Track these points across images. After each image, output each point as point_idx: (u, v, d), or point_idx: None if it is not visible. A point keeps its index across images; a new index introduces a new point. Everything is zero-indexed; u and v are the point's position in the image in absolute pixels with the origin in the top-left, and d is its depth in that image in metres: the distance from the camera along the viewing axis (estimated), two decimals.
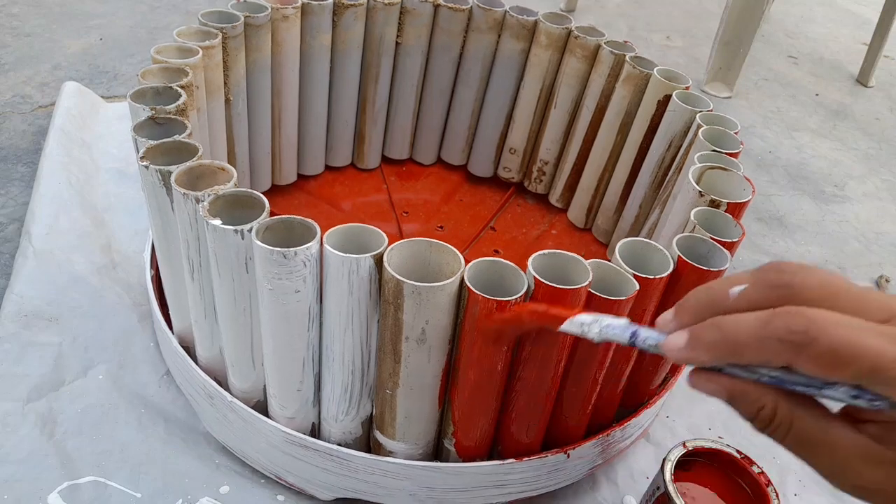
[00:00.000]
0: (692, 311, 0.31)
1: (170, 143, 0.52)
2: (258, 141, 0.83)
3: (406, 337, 0.45)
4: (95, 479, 0.57)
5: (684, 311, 0.32)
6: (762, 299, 0.29)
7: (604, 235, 0.91)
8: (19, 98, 1.06)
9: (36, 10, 1.32)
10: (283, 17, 0.76)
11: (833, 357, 0.26)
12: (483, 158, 0.98)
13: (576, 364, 0.52)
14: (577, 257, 0.47)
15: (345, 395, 0.52)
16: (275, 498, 0.58)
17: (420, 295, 0.43)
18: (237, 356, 0.54)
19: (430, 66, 0.91)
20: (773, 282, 0.29)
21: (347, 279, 0.44)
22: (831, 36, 1.91)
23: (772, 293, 0.29)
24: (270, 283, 0.44)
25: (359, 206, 0.92)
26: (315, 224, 0.45)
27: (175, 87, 0.57)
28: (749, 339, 0.28)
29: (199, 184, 0.49)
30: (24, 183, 0.89)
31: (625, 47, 0.82)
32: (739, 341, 0.29)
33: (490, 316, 0.43)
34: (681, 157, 0.73)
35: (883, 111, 1.54)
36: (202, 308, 0.54)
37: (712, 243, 0.52)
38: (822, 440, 0.29)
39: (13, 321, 0.68)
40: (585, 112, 0.87)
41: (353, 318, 0.46)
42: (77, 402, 0.63)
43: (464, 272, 0.44)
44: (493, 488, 0.57)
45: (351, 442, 0.56)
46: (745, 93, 1.51)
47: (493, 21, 0.86)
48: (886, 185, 1.26)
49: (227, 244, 0.45)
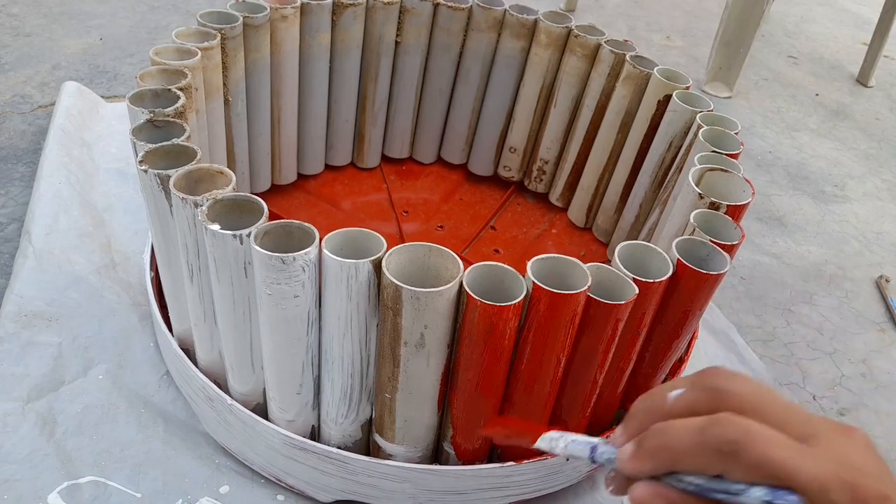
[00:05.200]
0: (637, 421, 0.33)
1: (168, 146, 0.52)
2: (258, 141, 0.83)
3: (405, 342, 0.45)
4: (95, 479, 0.57)
5: (631, 422, 0.33)
6: (697, 401, 0.31)
7: (604, 235, 0.91)
8: (19, 98, 1.06)
9: (36, 10, 1.32)
10: (282, 16, 0.76)
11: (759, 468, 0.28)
12: (483, 157, 0.98)
13: (575, 366, 0.52)
14: (577, 261, 0.47)
15: (344, 399, 0.52)
16: (274, 498, 0.59)
17: (419, 300, 0.43)
18: (237, 359, 0.54)
19: (429, 65, 0.91)
20: (708, 385, 0.31)
21: (346, 284, 0.44)
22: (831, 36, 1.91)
23: (707, 396, 0.31)
24: (269, 287, 0.44)
25: (359, 206, 0.92)
26: (314, 229, 0.45)
27: (174, 90, 0.57)
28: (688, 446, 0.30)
29: (198, 188, 0.49)
30: (24, 183, 0.89)
31: (625, 46, 0.82)
32: (679, 449, 0.30)
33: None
34: (681, 158, 0.73)
35: (883, 111, 1.54)
36: (202, 311, 0.54)
37: (712, 246, 0.52)
38: None
39: (13, 321, 0.68)
40: (586, 111, 0.86)
41: (352, 322, 0.46)
42: (77, 401, 0.63)
43: (462, 277, 0.44)
44: (492, 491, 0.57)
45: (350, 445, 0.56)
46: (745, 93, 1.50)
47: (492, 20, 0.86)
48: (886, 185, 1.26)
49: (225, 249, 0.45)
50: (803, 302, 0.95)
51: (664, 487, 0.31)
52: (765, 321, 0.90)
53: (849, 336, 0.90)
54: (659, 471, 0.31)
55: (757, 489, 0.29)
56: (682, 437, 0.30)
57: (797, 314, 0.93)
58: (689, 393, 0.32)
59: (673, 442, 0.31)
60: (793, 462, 0.28)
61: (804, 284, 0.98)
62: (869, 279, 1.01)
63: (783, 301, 0.94)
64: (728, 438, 0.29)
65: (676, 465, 0.30)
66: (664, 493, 0.31)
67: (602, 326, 0.48)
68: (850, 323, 0.92)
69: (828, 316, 0.93)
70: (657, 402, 0.33)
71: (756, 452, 0.28)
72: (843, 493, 0.28)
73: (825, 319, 0.92)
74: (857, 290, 0.99)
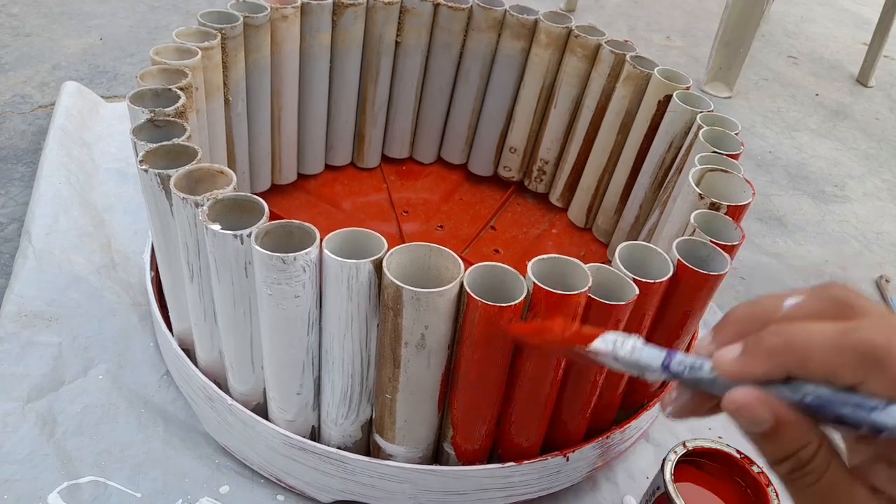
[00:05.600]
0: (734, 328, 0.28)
1: (169, 146, 0.52)
2: (258, 141, 0.83)
3: (405, 342, 0.45)
4: (95, 479, 0.57)
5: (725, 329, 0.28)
6: (824, 311, 0.27)
7: (604, 235, 0.91)
8: (19, 98, 1.06)
9: (36, 10, 1.32)
10: (283, 16, 0.76)
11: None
12: (483, 157, 0.98)
13: (575, 367, 0.52)
14: (577, 262, 0.47)
15: (344, 399, 0.52)
16: (274, 498, 0.59)
17: (419, 300, 0.43)
18: (237, 359, 0.54)
19: (430, 65, 0.91)
20: (836, 296, 0.27)
21: (347, 284, 0.44)
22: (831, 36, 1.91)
23: (836, 307, 0.27)
24: (270, 287, 0.44)
25: (359, 206, 0.92)
26: (314, 229, 0.45)
27: (174, 90, 0.57)
28: (824, 345, 0.25)
29: (199, 188, 0.49)
30: (24, 183, 0.89)
31: (625, 47, 0.82)
32: (811, 346, 0.25)
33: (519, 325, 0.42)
34: (681, 158, 0.73)
35: (883, 111, 1.54)
36: (202, 311, 0.54)
37: (712, 247, 0.52)
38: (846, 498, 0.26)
39: (13, 321, 0.68)
40: (586, 111, 0.86)
41: (353, 323, 0.46)
42: (77, 401, 0.63)
43: (463, 277, 0.44)
44: (492, 491, 0.57)
45: (351, 445, 0.56)
46: (745, 93, 1.50)
47: (493, 20, 0.86)
48: (886, 185, 1.26)
49: (226, 249, 0.45)
50: None
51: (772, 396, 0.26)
52: None
53: None
54: (774, 374, 0.26)
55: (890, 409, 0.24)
56: (816, 336, 0.25)
57: None
58: (813, 301, 0.27)
59: (802, 339, 0.25)
60: None
61: (804, 284, 0.98)
62: (869, 279, 1.01)
63: None
64: (877, 343, 0.24)
65: (803, 366, 0.25)
66: (771, 402, 0.26)
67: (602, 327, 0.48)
68: None
69: None
70: (766, 308, 0.28)
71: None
72: None
73: None
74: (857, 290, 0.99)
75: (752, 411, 0.26)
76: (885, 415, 0.24)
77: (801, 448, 0.26)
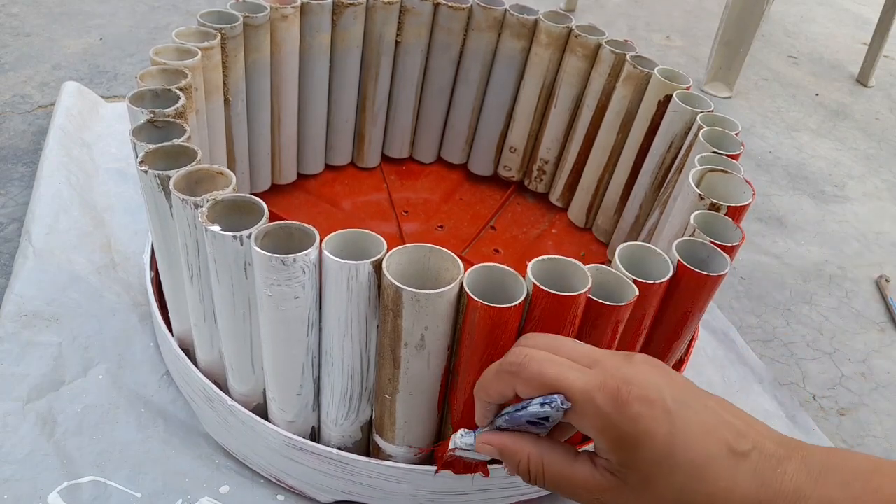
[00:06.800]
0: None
1: (168, 147, 0.52)
2: (258, 141, 0.83)
3: (405, 343, 0.45)
4: (95, 479, 0.57)
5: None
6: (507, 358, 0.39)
7: (604, 235, 0.91)
8: (19, 98, 1.06)
9: (36, 10, 1.32)
10: (282, 16, 0.76)
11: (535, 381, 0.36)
12: (483, 157, 0.98)
13: None
14: (577, 263, 0.47)
15: (344, 400, 0.52)
16: (274, 498, 0.59)
17: (419, 301, 0.43)
18: (237, 360, 0.54)
19: (429, 64, 0.91)
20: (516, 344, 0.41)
21: (346, 285, 0.44)
22: (831, 36, 1.91)
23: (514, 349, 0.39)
24: (269, 289, 0.44)
25: (359, 206, 0.92)
26: (314, 230, 0.45)
27: (174, 90, 0.57)
28: (490, 377, 0.39)
29: (198, 188, 0.49)
30: (24, 183, 0.89)
31: (625, 47, 0.82)
32: (485, 382, 0.39)
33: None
34: (681, 158, 0.73)
35: (883, 111, 1.54)
36: (201, 312, 0.54)
37: (712, 247, 0.52)
38: (569, 475, 0.36)
39: (13, 321, 0.68)
40: (586, 111, 0.86)
41: (353, 323, 0.46)
42: (77, 401, 0.63)
43: (463, 278, 0.44)
44: (492, 492, 0.57)
45: (350, 446, 0.56)
46: (745, 93, 1.50)
47: (493, 20, 0.86)
48: (886, 185, 1.26)
49: (225, 250, 0.45)
50: (803, 302, 0.95)
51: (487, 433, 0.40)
52: (765, 321, 0.91)
53: (849, 336, 0.90)
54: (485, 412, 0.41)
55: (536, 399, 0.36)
56: (487, 373, 0.40)
57: (797, 314, 0.93)
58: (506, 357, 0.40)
59: (483, 380, 0.40)
60: (563, 376, 0.35)
61: (804, 284, 0.98)
62: (869, 279, 1.01)
63: (783, 301, 0.94)
64: (513, 361, 0.37)
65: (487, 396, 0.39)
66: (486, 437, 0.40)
67: (602, 328, 0.48)
68: (850, 323, 0.92)
69: (828, 316, 0.93)
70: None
71: (533, 369, 0.36)
72: (606, 396, 0.34)
73: (825, 319, 0.92)
74: (857, 290, 0.99)
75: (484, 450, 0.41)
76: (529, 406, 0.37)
77: (519, 462, 0.38)
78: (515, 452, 0.38)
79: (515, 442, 0.38)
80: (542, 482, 0.37)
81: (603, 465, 0.35)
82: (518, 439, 0.38)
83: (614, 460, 0.34)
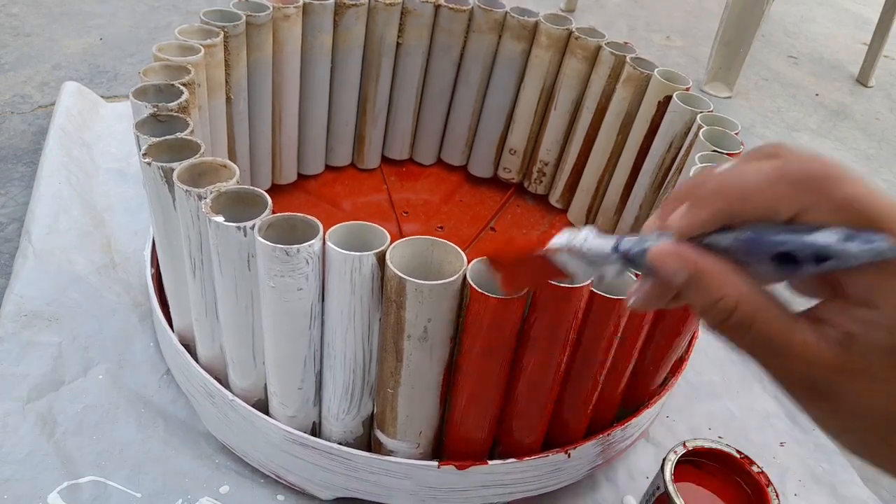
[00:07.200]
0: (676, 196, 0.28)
1: (172, 140, 0.52)
2: (259, 140, 0.83)
3: (408, 335, 0.45)
4: (95, 479, 0.57)
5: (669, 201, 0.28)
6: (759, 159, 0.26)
7: None
8: (19, 98, 1.06)
9: (36, 10, 1.32)
10: (285, 16, 0.76)
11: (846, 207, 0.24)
12: (483, 159, 0.98)
13: (577, 363, 0.52)
14: None
15: (346, 394, 0.52)
16: (275, 497, 0.58)
17: (422, 293, 0.43)
18: (238, 354, 0.54)
19: (430, 66, 0.91)
20: (768, 150, 0.27)
21: (350, 277, 0.44)
22: (831, 36, 1.91)
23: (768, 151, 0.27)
24: (272, 280, 0.44)
25: (359, 206, 0.92)
26: (317, 221, 0.45)
27: (177, 85, 0.57)
28: (759, 180, 0.25)
29: (202, 181, 0.49)
30: (24, 183, 0.89)
31: (625, 48, 0.82)
32: (747, 183, 0.25)
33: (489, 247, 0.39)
34: (681, 158, 0.73)
35: (883, 111, 1.54)
36: (203, 305, 0.54)
37: None
38: (787, 337, 0.25)
39: (13, 321, 0.68)
40: (586, 113, 0.87)
41: (355, 316, 0.46)
42: (77, 401, 0.63)
43: (466, 270, 0.44)
44: (493, 488, 0.56)
45: (352, 441, 0.55)
46: (745, 93, 1.51)
47: (493, 22, 0.86)
48: (886, 185, 1.26)
49: (229, 241, 0.45)
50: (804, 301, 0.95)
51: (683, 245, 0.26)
52: None
53: None
54: (717, 218, 0.26)
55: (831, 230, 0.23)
56: (750, 174, 0.25)
57: None
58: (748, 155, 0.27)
59: (737, 179, 0.25)
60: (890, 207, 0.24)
61: None
62: None
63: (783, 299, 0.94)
64: (813, 167, 0.24)
65: (742, 204, 0.25)
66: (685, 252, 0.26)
67: (604, 322, 0.48)
68: None
69: None
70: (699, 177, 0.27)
71: (846, 189, 0.24)
72: None
73: None
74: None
75: (666, 263, 0.26)
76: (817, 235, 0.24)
77: (719, 299, 0.26)
78: (722, 285, 0.25)
79: (725, 272, 0.26)
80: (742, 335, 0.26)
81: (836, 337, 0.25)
82: (729, 270, 0.26)
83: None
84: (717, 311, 0.26)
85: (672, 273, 0.26)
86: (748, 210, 0.25)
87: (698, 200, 0.26)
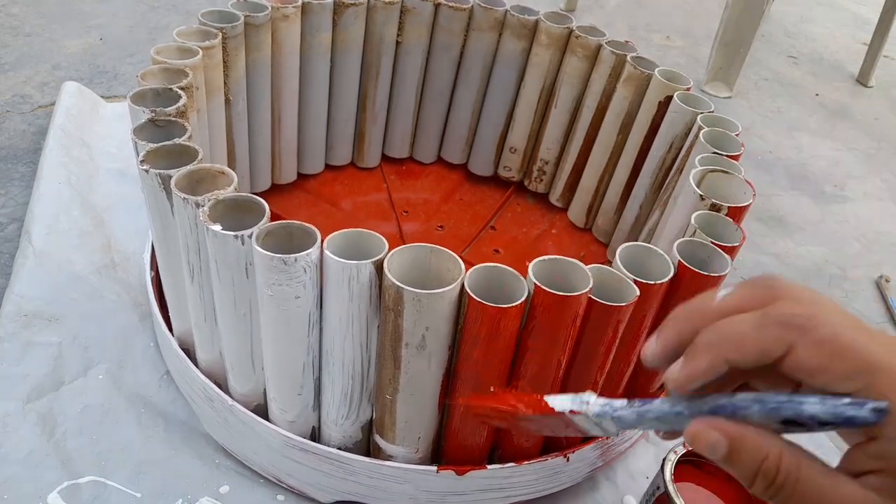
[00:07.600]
0: (676, 326, 0.30)
1: (170, 146, 0.52)
2: (258, 140, 0.83)
3: (406, 343, 0.45)
4: (95, 479, 0.57)
5: (667, 327, 0.30)
6: (752, 297, 0.28)
7: (604, 236, 0.91)
8: (19, 98, 1.06)
9: (36, 10, 1.32)
10: (283, 16, 0.76)
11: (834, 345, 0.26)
12: (483, 157, 0.98)
13: (576, 368, 0.52)
14: (578, 263, 0.47)
15: (345, 400, 0.52)
16: (275, 498, 0.59)
17: (420, 302, 0.43)
18: (237, 360, 0.54)
19: (430, 65, 0.91)
20: (761, 283, 0.29)
21: (348, 285, 0.44)
22: (831, 36, 1.91)
23: (761, 291, 0.28)
24: (270, 288, 0.44)
25: (359, 205, 0.92)
26: (315, 230, 0.45)
27: (175, 89, 0.57)
28: (751, 327, 0.27)
29: (200, 188, 0.49)
30: (24, 183, 0.89)
31: (626, 47, 0.82)
32: (740, 331, 0.27)
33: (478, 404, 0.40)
34: (681, 159, 0.73)
35: (883, 111, 1.54)
36: (202, 311, 0.54)
37: (713, 248, 0.52)
38: (830, 492, 0.26)
39: (13, 321, 0.68)
40: (586, 112, 0.86)
41: (353, 323, 0.46)
42: (77, 401, 0.63)
43: (464, 279, 0.44)
44: (492, 492, 0.57)
45: (351, 446, 0.56)
46: (745, 93, 1.50)
47: (493, 20, 0.86)
48: (886, 185, 1.26)
49: (227, 249, 0.45)
50: None
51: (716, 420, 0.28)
52: None
53: None
54: (716, 367, 0.27)
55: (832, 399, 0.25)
56: (742, 323, 0.27)
57: None
58: (741, 290, 0.29)
59: (731, 328, 0.27)
60: (863, 342, 0.26)
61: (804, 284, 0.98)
62: (869, 279, 1.01)
63: None
64: (795, 312, 0.26)
65: (738, 351, 0.27)
66: (719, 424, 0.27)
67: (603, 328, 0.48)
68: None
69: None
70: (701, 303, 0.29)
71: (824, 330, 0.26)
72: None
73: None
74: (857, 290, 0.99)
75: (704, 437, 0.28)
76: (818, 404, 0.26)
77: (763, 459, 0.27)
78: (759, 448, 0.27)
79: (760, 436, 0.27)
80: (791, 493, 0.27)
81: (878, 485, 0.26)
82: (761, 432, 0.27)
83: None
84: (762, 472, 0.27)
85: (712, 446, 0.27)
86: (744, 357, 0.27)
87: (696, 352, 0.28)
